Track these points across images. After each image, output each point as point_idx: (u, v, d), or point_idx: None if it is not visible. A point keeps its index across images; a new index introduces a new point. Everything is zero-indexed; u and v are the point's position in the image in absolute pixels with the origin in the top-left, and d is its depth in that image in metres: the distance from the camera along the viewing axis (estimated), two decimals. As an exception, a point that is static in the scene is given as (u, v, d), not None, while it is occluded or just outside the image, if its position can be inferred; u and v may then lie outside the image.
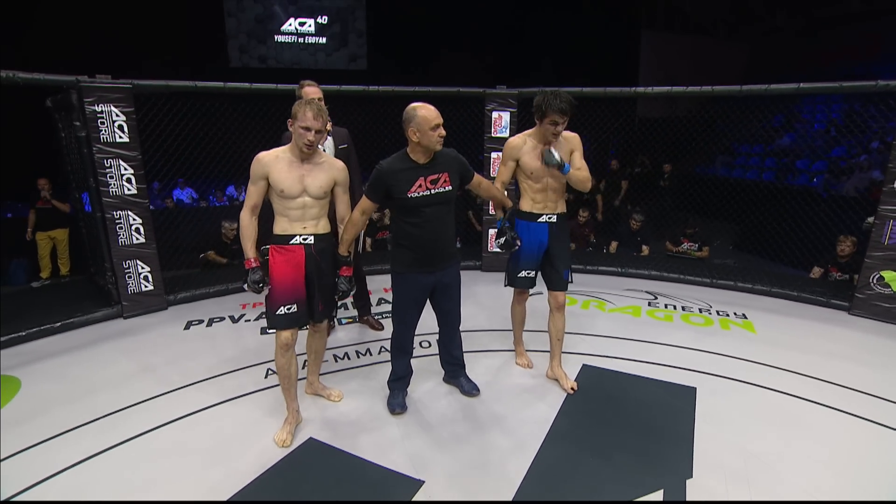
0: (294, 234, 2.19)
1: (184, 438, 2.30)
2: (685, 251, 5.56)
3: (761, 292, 4.17)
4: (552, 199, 2.63)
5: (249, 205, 2.18)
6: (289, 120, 2.14)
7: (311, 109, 2.06)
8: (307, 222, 2.20)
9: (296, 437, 2.30)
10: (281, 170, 2.12)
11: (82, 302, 3.87)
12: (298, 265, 2.20)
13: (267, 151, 2.17)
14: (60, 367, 3.02)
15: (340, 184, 2.27)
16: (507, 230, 2.55)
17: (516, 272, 2.71)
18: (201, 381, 2.80)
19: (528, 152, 2.54)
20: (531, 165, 2.55)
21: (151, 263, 3.74)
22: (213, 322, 3.64)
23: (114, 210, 3.52)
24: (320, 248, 2.24)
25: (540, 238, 2.64)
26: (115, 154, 3.45)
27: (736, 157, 10.64)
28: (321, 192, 2.19)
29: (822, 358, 3.08)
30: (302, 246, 2.20)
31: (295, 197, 2.15)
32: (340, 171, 2.26)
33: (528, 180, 2.60)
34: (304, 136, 2.07)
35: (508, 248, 2.58)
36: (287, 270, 2.19)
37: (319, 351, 2.58)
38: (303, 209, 2.18)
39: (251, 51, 11.08)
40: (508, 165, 2.60)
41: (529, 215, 2.64)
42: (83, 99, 3.31)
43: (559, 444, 2.27)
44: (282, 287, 2.18)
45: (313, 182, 2.16)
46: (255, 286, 2.16)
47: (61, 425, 2.39)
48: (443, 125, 2.18)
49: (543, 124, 2.45)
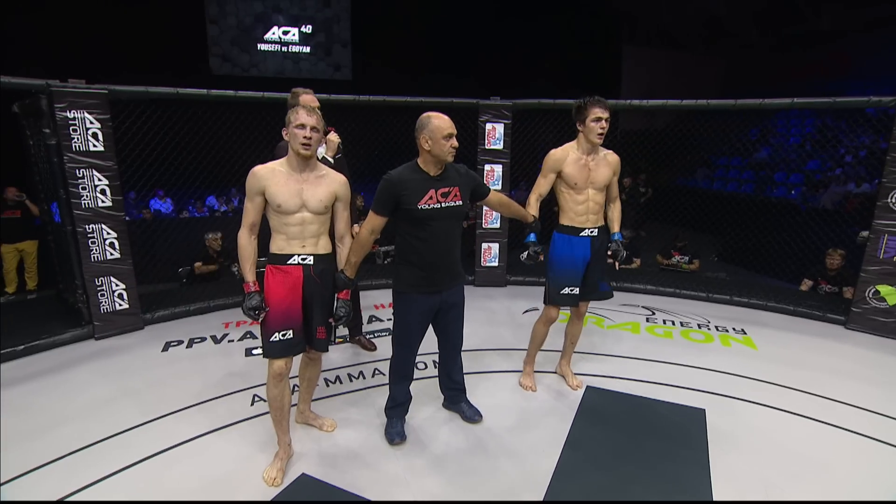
0: (292, 254, 2.02)
1: (162, 479, 2.08)
2: (676, 264, 5.55)
3: (757, 306, 4.15)
4: (594, 212, 2.57)
5: (247, 223, 2.02)
6: (283, 129, 2.00)
7: (304, 108, 1.96)
8: (306, 240, 2.03)
9: (287, 473, 2.11)
10: (278, 183, 1.97)
11: (49, 321, 3.58)
12: (295, 288, 2.03)
13: (263, 165, 2.01)
14: (22, 396, 2.74)
15: (342, 199, 2.12)
16: (531, 245, 2.50)
17: (559, 289, 2.60)
18: (181, 410, 2.58)
19: (572, 164, 2.49)
20: (575, 177, 2.49)
21: (126, 280, 3.50)
22: (193, 343, 3.41)
23: (86, 223, 3.28)
24: (320, 269, 2.07)
25: (583, 253, 2.58)
26: (87, 164, 3.22)
27: (715, 170, 10.85)
28: (321, 206, 2.03)
29: (824, 375, 3.04)
30: (300, 267, 2.03)
31: (293, 212, 1.99)
32: (342, 186, 2.10)
33: (571, 192, 2.53)
34: (299, 134, 1.93)
35: (532, 262, 2.53)
36: (283, 293, 2.01)
37: (313, 379, 2.39)
38: (301, 226, 2.01)
39: (234, 59, 10.83)
40: (549, 178, 2.54)
41: (571, 230, 2.57)
42: (54, 104, 3.08)
43: (573, 475, 2.14)
44: (276, 311, 2.00)
45: (313, 196, 2.00)
46: (253, 313, 1.98)
47: (19, 466, 2.14)
48: (456, 137, 2.07)
49: (586, 123, 2.41)
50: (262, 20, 10.88)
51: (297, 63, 11.33)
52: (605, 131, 2.42)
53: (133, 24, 8.77)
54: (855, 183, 7.98)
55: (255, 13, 10.79)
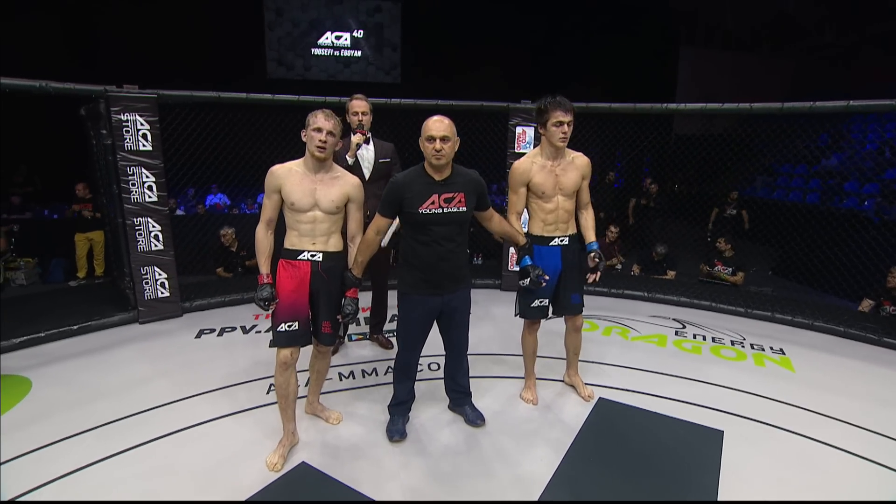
0: (302, 250, 2.13)
1: (175, 455, 2.24)
2: (717, 274, 5.25)
3: (802, 325, 3.85)
4: (563, 220, 2.48)
5: (265, 219, 2.15)
6: (301, 131, 2.11)
7: (322, 112, 2.06)
8: (317, 238, 2.14)
9: (289, 460, 2.20)
10: (293, 182, 2.08)
11: (103, 305, 3.94)
12: (303, 282, 2.13)
13: (281, 164, 2.13)
14: (72, 370, 3.04)
15: (354, 200, 2.20)
16: (531, 269, 2.38)
17: (528, 302, 2.54)
18: (203, 394, 2.75)
19: (538, 172, 2.41)
20: (543, 185, 2.40)
21: (168, 270, 3.77)
22: (224, 332, 3.63)
23: (134, 216, 3.58)
24: (328, 266, 2.16)
25: (553, 263, 2.49)
26: (137, 162, 3.52)
27: (777, 178, 10.13)
28: (333, 206, 2.12)
29: (871, 405, 2.77)
30: (308, 262, 2.14)
31: (305, 210, 2.10)
32: (355, 188, 2.19)
33: (539, 201, 2.45)
34: (315, 137, 2.03)
35: (535, 286, 2.41)
36: (291, 286, 2.12)
37: (322, 371, 2.48)
38: (313, 224, 2.12)
39: (288, 63, 11.37)
40: (520, 193, 2.45)
41: (541, 239, 2.48)
42: (110, 108, 3.40)
43: (566, 486, 2.09)
44: (284, 303, 2.12)
45: (325, 196, 2.10)
46: (263, 304, 2.10)
47: (61, 431, 2.38)
48: (442, 141, 2.03)
49: (548, 127, 2.33)
50: (316, 25, 11.34)
51: (348, 66, 11.71)
52: (567, 136, 2.33)
53: (198, 33, 9.45)
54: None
55: (310, 19, 11.27)
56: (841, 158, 9.55)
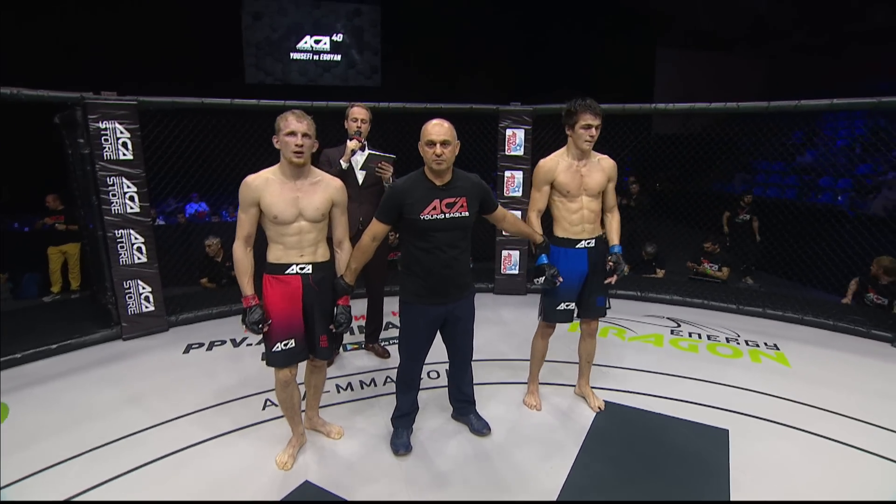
0: (290, 264, 2.00)
1: (171, 479, 2.13)
2: (704, 270, 5.32)
3: (793, 320, 3.91)
4: (590, 221, 2.43)
5: (242, 235, 1.98)
6: (273, 137, 1.95)
7: (292, 114, 1.92)
8: (305, 249, 2.01)
9: (291, 479, 2.12)
10: (273, 193, 1.93)
11: (83, 322, 3.76)
12: (295, 298, 2.02)
13: (255, 174, 1.97)
14: (53, 392, 2.89)
15: (338, 204, 2.09)
16: (546, 268, 2.34)
17: (554, 305, 2.47)
18: (196, 412, 2.64)
19: (564, 171, 2.37)
20: (568, 185, 2.36)
21: (153, 283, 3.63)
22: (213, 346, 3.50)
23: (115, 228, 3.43)
24: (319, 277, 2.06)
25: (580, 266, 2.44)
26: (118, 171, 3.37)
27: (755, 174, 10.36)
28: (318, 214, 2.00)
29: (866, 397, 2.81)
30: (299, 276, 2.02)
31: (290, 222, 1.96)
32: (338, 191, 2.08)
33: (564, 201, 2.41)
34: (291, 142, 1.89)
35: (550, 286, 2.37)
36: (282, 304, 2.01)
37: (319, 386, 2.39)
38: (299, 235, 1.99)
39: (267, 68, 11.17)
40: (543, 191, 2.40)
41: (566, 241, 2.43)
42: (87, 115, 3.25)
43: (579, 495, 2.05)
44: (278, 322, 2.00)
45: (309, 204, 1.98)
46: (255, 327, 1.97)
47: (44, 460, 2.24)
48: (442, 145, 1.98)
49: (575, 129, 2.29)
50: (295, 30, 11.18)
51: (328, 71, 11.57)
52: (594, 139, 2.31)
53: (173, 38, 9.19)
54: (912, 187, 7.44)
55: (288, 23, 11.10)
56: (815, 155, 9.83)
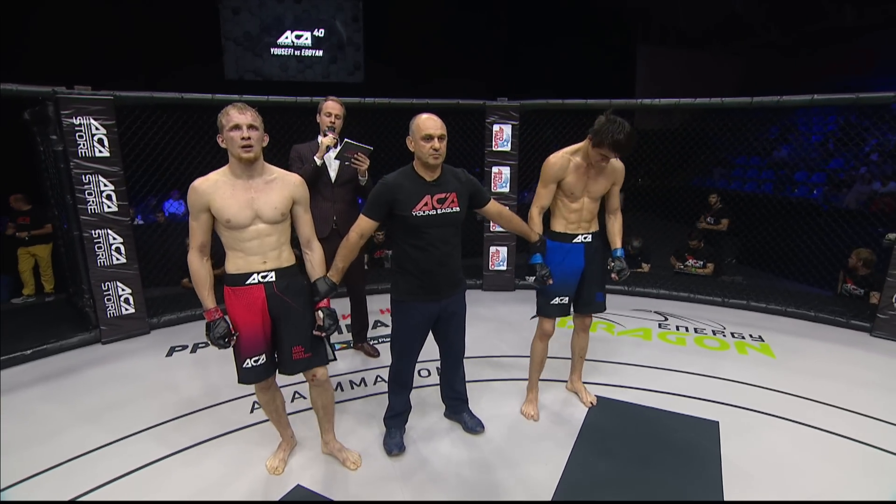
0: (250, 272, 1.84)
1: (159, 486, 2.06)
2: (689, 268, 5.40)
3: (776, 312, 3.99)
4: (587, 219, 2.42)
5: (195, 245, 1.83)
6: (218, 136, 1.79)
7: (233, 107, 1.75)
8: (267, 255, 1.85)
9: (282, 484, 2.07)
10: (224, 196, 1.77)
11: (59, 325, 3.62)
12: (258, 309, 1.86)
13: (203, 177, 1.81)
14: (27, 401, 2.76)
15: (300, 202, 1.92)
16: (538, 268, 2.30)
17: (549, 299, 2.44)
18: (181, 417, 2.56)
19: (573, 172, 2.33)
20: (574, 186, 2.34)
21: (133, 285, 3.51)
22: (197, 348, 3.40)
23: (92, 229, 3.30)
24: (284, 284, 1.89)
25: (576, 261, 2.43)
26: (94, 169, 3.24)
27: (733, 169, 10.58)
28: (277, 214, 1.83)
29: (848, 386, 2.89)
30: (261, 286, 1.85)
31: (246, 226, 1.79)
32: (298, 187, 1.91)
33: (565, 200, 2.39)
34: (236, 137, 1.72)
35: (540, 285, 2.35)
36: (246, 317, 1.85)
37: (328, 406, 2.14)
38: (258, 239, 1.83)
39: (247, 63, 10.94)
40: (550, 188, 2.36)
41: (564, 236, 2.42)
42: (60, 111, 3.11)
43: (575, 490, 2.05)
44: (245, 337, 1.85)
45: (266, 203, 1.81)
46: (222, 341, 1.81)
47: (21, 471, 2.14)
48: (440, 139, 1.96)
49: (594, 150, 2.24)
50: (275, 25, 10.97)
51: (310, 67, 11.38)
52: (606, 167, 2.32)
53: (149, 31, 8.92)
54: (881, 182, 7.69)
55: (268, 18, 10.89)
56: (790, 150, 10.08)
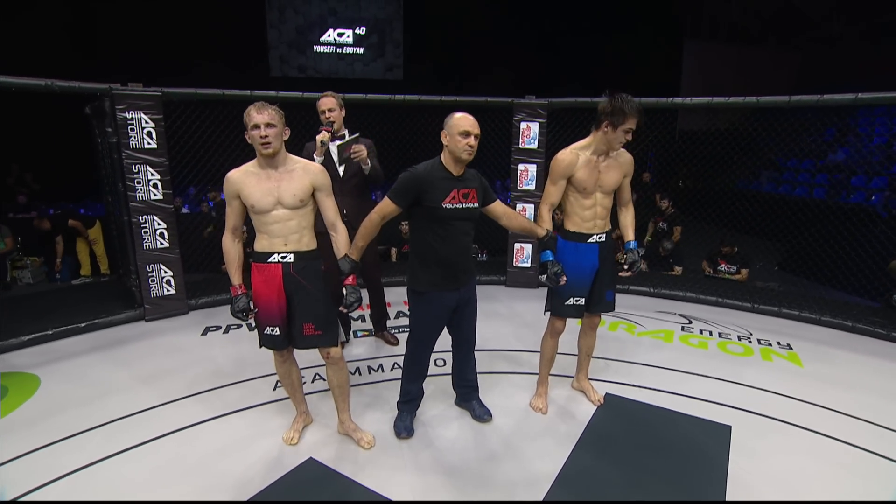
0: (272, 252, 2.06)
1: (184, 451, 2.25)
2: (721, 273, 5.22)
3: (809, 320, 3.82)
4: (601, 217, 2.40)
5: (229, 227, 2.10)
6: (245, 133, 2.01)
7: (253, 107, 1.95)
8: (288, 238, 2.06)
9: (296, 455, 2.22)
10: (251, 184, 2.01)
11: (110, 303, 3.96)
12: (275, 286, 2.08)
13: (236, 168, 2.06)
14: (80, 367, 3.06)
15: (321, 188, 2.10)
16: (550, 266, 2.30)
17: (563, 299, 2.44)
18: (210, 391, 2.77)
19: (582, 167, 2.31)
20: (585, 182, 2.31)
21: (174, 268, 3.79)
22: (230, 329, 3.64)
23: (140, 214, 3.59)
24: (301, 267, 2.08)
25: (591, 261, 2.42)
26: (142, 160, 3.52)
27: (783, 173, 10.05)
28: (297, 200, 2.03)
29: (881, 400, 2.75)
30: (279, 265, 2.07)
31: (268, 210, 2.02)
32: (319, 174, 2.09)
33: (577, 196, 2.36)
34: (256, 136, 1.95)
35: (553, 284, 2.34)
36: (266, 291, 2.09)
37: (343, 385, 2.28)
38: (280, 223, 2.04)
39: (291, 61, 11.36)
40: (559, 185, 2.34)
41: (578, 236, 2.40)
42: (115, 106, 3.40)
43: (573, 483, 2.08)
44: (262, 308, 2.11)
45: (286, 191, 2.02)
46: (241, 315, 2.07)
47: (70, 428, 2.40)
48: (475, 137, 2.06)
49: (617, 131, 2.20)
50: (319, 23, 11.32)
51: (350, 64, 11.68)
52: (629, 140, 2.27)
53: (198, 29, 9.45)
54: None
55: (312, 16, 11.25)
56: (848, 152, 9.46)
